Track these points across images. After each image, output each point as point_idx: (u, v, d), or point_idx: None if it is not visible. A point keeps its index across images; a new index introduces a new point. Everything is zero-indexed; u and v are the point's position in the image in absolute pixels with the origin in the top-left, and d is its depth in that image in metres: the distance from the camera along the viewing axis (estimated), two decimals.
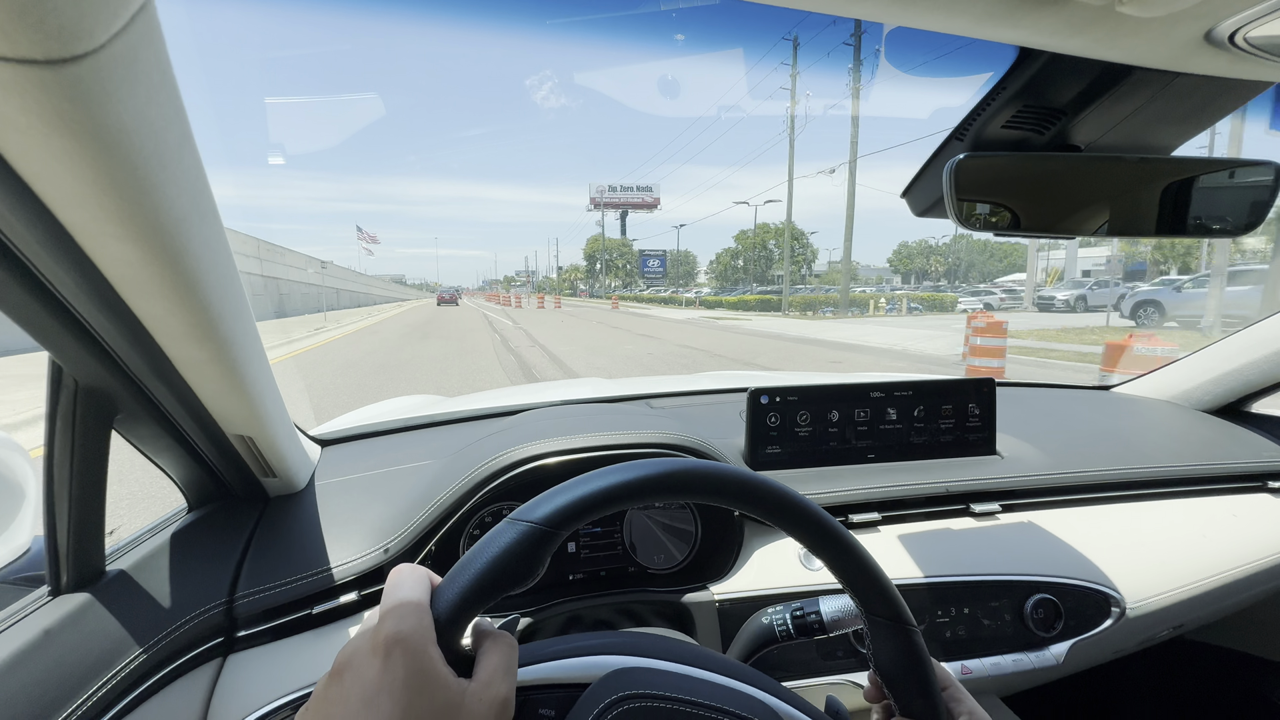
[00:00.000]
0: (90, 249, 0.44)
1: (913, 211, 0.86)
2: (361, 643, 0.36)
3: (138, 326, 0.54)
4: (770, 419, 1.05)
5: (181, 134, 0.42)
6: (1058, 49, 0.54)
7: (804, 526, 0.47)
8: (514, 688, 0.39)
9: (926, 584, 0.90)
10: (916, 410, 1.09)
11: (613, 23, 25.32)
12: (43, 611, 0.61)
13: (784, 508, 0.46)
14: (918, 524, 1.01)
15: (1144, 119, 0.65)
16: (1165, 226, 0.72)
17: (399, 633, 0.35)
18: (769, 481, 0.46)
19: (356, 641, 0.37)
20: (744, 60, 45.24)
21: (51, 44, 0.28)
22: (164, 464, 0.78)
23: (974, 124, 0.69)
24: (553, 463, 0.89)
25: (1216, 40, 0.49)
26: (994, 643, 0.91)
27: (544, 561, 0.40)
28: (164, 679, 0.65)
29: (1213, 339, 1.40)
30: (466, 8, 24.12)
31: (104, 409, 0.63)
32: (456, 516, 0.86)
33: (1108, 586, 0.94)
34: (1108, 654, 1.00)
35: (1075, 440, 1.21)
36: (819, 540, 0.47)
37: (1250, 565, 1.02)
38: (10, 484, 0.91)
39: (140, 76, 0.35)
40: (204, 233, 0.49)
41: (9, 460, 0.93)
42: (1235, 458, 1.18)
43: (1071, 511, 1.06)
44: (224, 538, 0.80)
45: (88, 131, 0.34)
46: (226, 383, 0.64)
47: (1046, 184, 0.71)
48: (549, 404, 1.26)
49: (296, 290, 32.41)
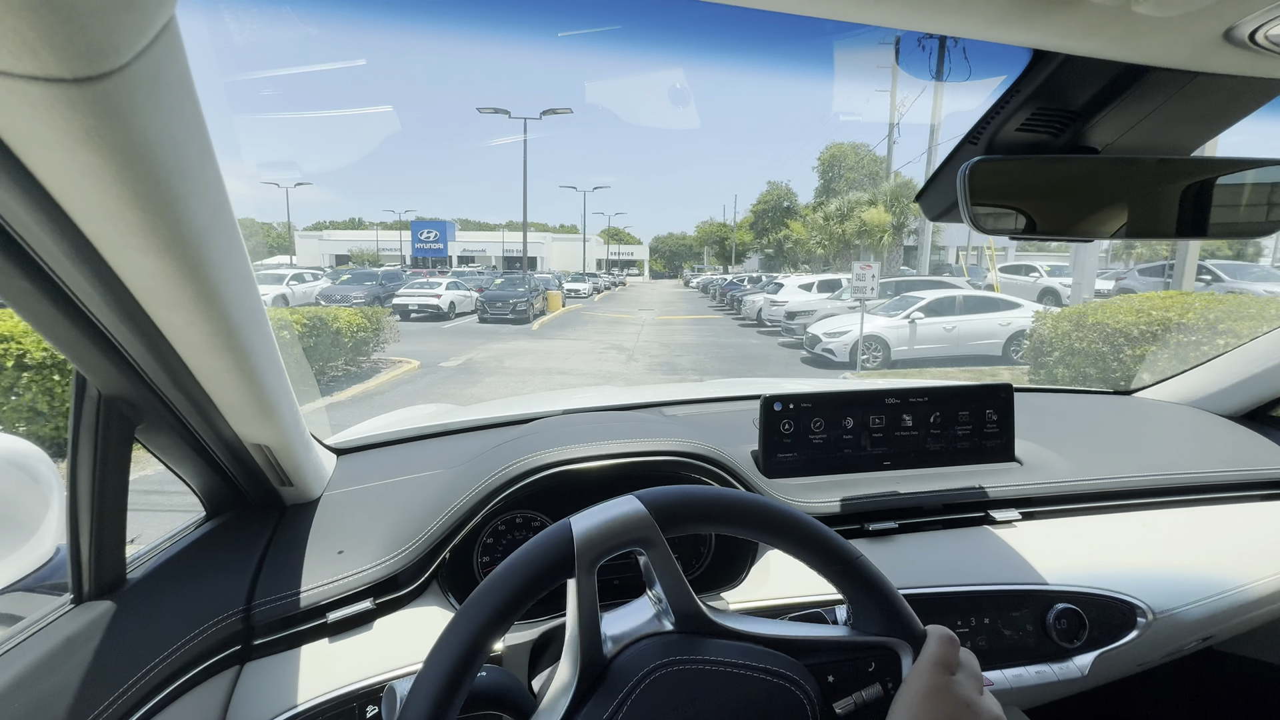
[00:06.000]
0: (114, 261, 0.45)
1: (927, 216, 0.85)
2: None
3: (159, 337, 0.55)
4: (784, 426, 1.04)
5: (202, 147, 0.43)
6: (1072, 50, 0.53)
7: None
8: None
9: (946, 594, 0.89)
10: (933, 416, 1.08)
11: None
12: (65, 619, 0.62)
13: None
14: (936, 532, 0.99)
15: (1162, 119, 0.64)
16: (1185, 228, 0.70)
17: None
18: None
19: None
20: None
21: (79, 63, 0.29)
22: (183, 472, 0.79)
23: (988, 127, 0.69)
24: (566, 470, 0.89)
25: (1236, 39, 0.49)
26: (1016, 654, 0.89)
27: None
28: (182, 686, 0.65)
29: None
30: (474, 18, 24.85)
31: (126, 419, 0.64)
32: (471, 524, 0.86)
33: (1133, 596, 0.92)
34: (1133, 666, 0.97)
35: (1096, 446, 1.18)
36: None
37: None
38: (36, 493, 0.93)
39: (164, 92, 0.36)
40: (223, 245, 0.50)
41: (36, 470, 0.94)
42: (1263, 463, 1.15)
43: (1094, 519, 1.04)
44: (241, 546, 0.81)
45: (113, 146, 0.34)
46: (245, 392, 0.65)
47: (1063, 187, 0.70)
48: (563, 412, 1.26)
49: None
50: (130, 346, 0.56)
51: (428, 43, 58.97)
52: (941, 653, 0.49)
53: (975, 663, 0.52)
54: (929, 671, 0.48)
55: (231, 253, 0.52)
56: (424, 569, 0.83)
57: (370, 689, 0.72)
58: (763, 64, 4.10)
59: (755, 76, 70.94)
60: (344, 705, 0.71)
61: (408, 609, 0.81)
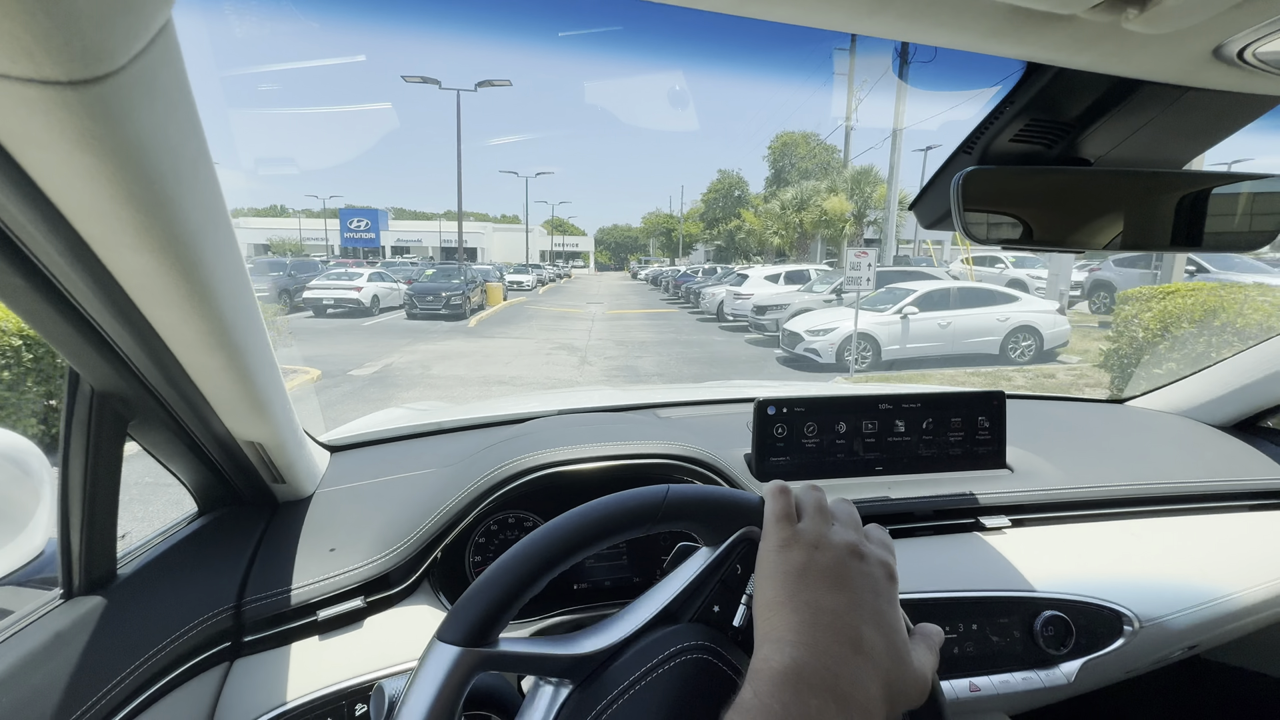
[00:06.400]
0: (108, 260, 0.45)
1: (921, 224, 0.86)
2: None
3: (152, 335, 0.55)
4: (777, 430, 1.04)
5: (198, 149, 0.43)
6: (1065, 64, 0.54)
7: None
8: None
9: (934, 599, 0.89)
10: (925, 422, 1.08)
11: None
12: (54, 614, 0.62)
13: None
14: (927, 538, 1.00)
15: (1154, 133, 0.65)
16: (1179, 240, 0.71)
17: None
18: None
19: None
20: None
21: (75, 66, 0.29)
22: (175, 469, 0.79)
23: (982, 137, 0.69)
24: (559, 472, 0.89)
25: (1225, 56, 0.49)
26: (1003, 660, 0.90)
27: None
28: (172, 682, 0.65)
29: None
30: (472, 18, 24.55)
31: (118, 415, 0.64)
32: (463, 524, 0.86)
33: (1120, 604, 0.93)
34: (1120, 673, 0.98)
35: (1087, 454, 1.19)
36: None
37: (1268, 584, 1.00)
38: (27, 487, 0.93)
39: (159, 94, 0.36)
40: (218, 244, 0.50)
41: (27, 463, 0.94)
42: (1252, 474, 1.16)
43: (1083, 527, 1.05)
44: (233, 543, 0.81)
45: (108, 148, 0.35)
46: (238, 390, 0.65)
47: (1056, 198, 0.71)
48: (557, 412, 1.26)
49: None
50: (124, 343, 0.56)
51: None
52: (776, 508, 0.47)
53: (820, 500, 0.48)
54: (772, 532, 0.46)
55: (226, 252, 0.52)
56: (415, 568, 0.83)
57: (360, 687, 0.72)
58: (713, 62, 3.95)
59: (704, 72, 68.49)
60: (333, 703, 0.71)
61: (398, 608, 0.81)
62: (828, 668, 0.36)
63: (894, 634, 0.41)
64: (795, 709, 0.34)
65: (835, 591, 0.41)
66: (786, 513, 0.47)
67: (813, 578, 0.41)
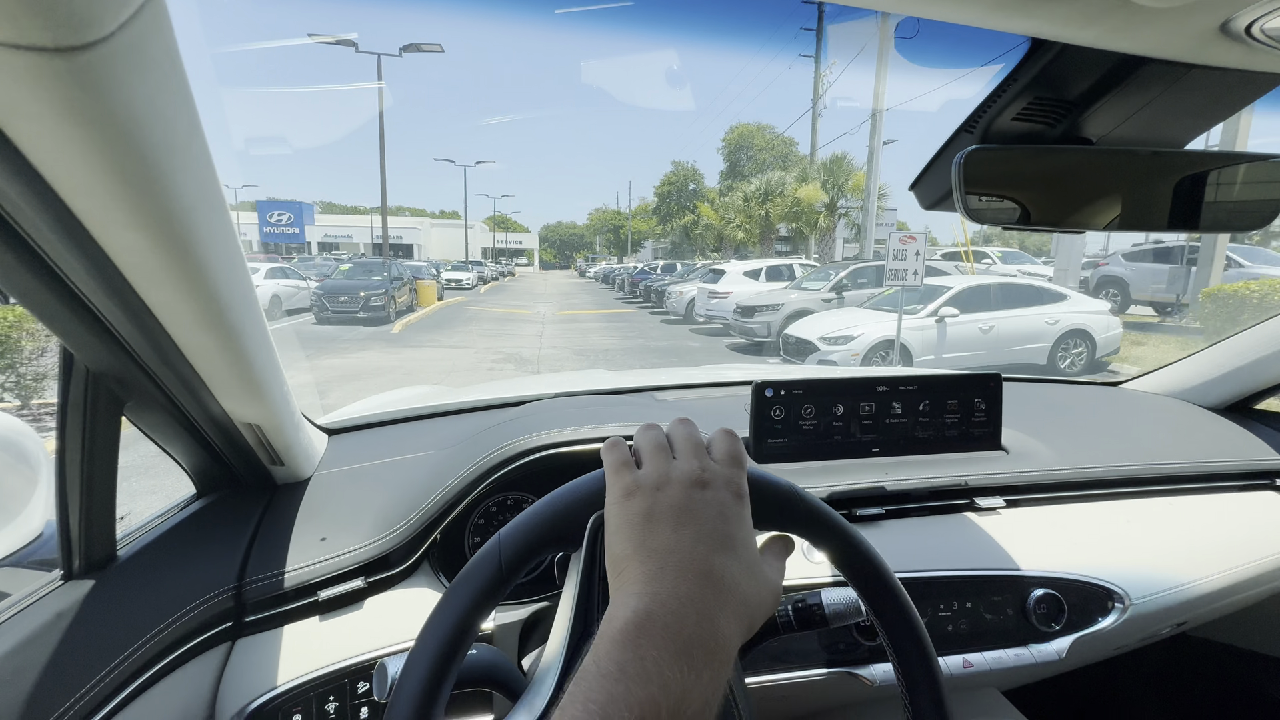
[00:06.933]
0: (100, 236, 0.44)
1: (921, 205, 0.85)
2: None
3: (146, 314, 0.54)
4: (775, 412, 1.05)
5: (190, 123, 0.42)
6: (1070, 39, 0.53)
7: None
8: None
9: (929, 578, 0.91)
10: (922, 405, 1.09)
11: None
12: (54, 596, 0.62)
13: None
14: (922, 518, 1.01)
15: (1157, 112, 0.64)
16: (1178, 221, 0.71)
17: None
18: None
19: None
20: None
21: (61, 32, 0.29)
22: (173, 451, 0.79)
23: (984, 116, 0.69)
24: (558, 453, 0.89)
25: (1232, 32, 0.49)
26: (996, 637, 0.91)
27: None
28: (173, 663, 0.66)
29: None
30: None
31: (114, 396, 0.64)
32: (461, 505, 0.86)
33: (1111, 583, 0.94)
34: (1110, 649, 1.00)
35: (1081, 436, 1.20)
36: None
37: (1255, 563, 1.02)
38: (24, 469, 0.93)
39: (149, 65, 0.35)
40: (212, 221, 0.49)
41: (23, 445, 0.94)
42: (1243, 455, 1.17)
43: (1076, 507, 1.06)
44: (232, 524, 0.81)
45: (98, 119, 0.34)
46: (234, 370, 0.65)
47: (1057, 177, 0.70)
48: (555, 395, 1.26)
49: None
50: (118, 323, 0.55)
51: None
52: (611, 459, 0.45)
53: (657, 438, 0.46)
54: (612, 486, 0.43)
55: (220, 229, 0.51)
56: (415, 549, 0.83)
57: (361, 666, 0.73)
58: (667, 41, 3.47)
59: (655, 55, 63.15)
60: (335, 681, 0.72)
61: (398, 588, 0.81)
62: (673, 612, 0.35)
63: (746, 551, 0.40)
64: (633, 667, 0.33)
65: (680, 528, 0.39)
66: (623, 461, 0.45)
67: (657, 521, 0.40)
